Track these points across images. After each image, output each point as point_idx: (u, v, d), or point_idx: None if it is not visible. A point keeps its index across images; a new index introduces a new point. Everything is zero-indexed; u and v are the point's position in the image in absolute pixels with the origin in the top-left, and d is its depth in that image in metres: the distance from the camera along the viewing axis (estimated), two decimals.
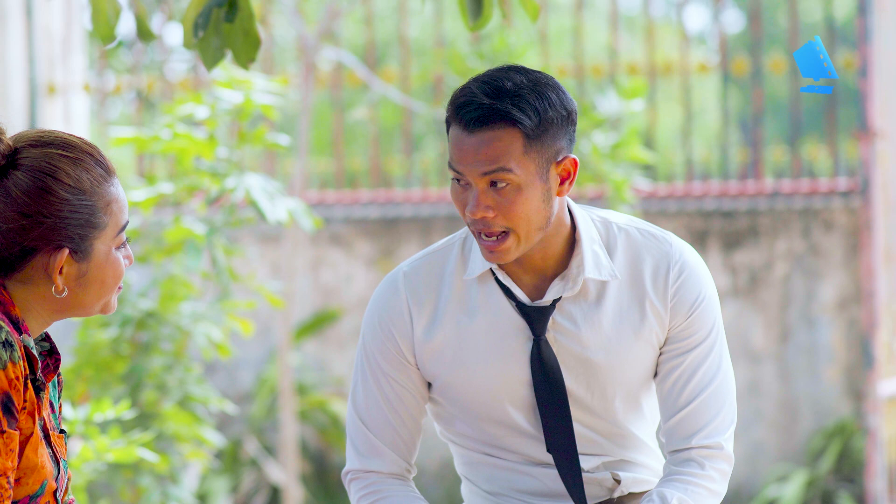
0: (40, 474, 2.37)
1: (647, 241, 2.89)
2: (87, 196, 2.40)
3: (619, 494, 2.94)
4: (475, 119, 2.73)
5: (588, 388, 2.86)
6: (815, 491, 7.34)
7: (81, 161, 2.41)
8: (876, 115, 6.52)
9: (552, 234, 2.82)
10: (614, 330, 2.85)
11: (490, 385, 2.86)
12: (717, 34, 8.18)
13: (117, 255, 2.44)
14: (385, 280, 2.92)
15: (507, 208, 2.74)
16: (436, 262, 2.91)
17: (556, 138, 2.76)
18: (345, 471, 2.96)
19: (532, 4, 3.16)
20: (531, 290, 2.86)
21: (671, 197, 7.67)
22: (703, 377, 2.87)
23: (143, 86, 8.30)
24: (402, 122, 8.35)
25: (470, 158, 2.75)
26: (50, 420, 2.46)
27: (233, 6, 2.95)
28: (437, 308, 2.88)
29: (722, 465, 2.87)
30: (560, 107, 2.75)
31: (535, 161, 2.74)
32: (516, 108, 2.73)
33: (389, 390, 2.91)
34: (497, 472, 2.94)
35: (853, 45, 8.54)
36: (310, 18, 11.99)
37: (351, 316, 7.82)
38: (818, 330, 7.50)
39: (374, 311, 2.91)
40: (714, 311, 2.88)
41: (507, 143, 2.73)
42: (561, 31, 14.06)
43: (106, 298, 2.45)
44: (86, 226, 2.40)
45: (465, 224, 2.83)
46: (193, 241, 4.83)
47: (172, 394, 5.07)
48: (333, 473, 7.83)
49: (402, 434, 2.92)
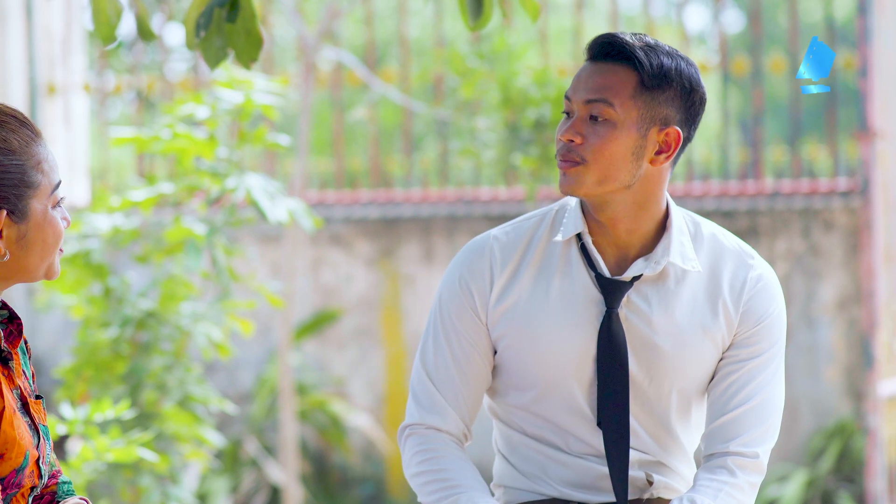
0: (20, 447, 2.38)
1: (732, 247, 2.93)
2: (16, 156, 2.42)
3: (647, 496, 2.94)
4: (602, 49, 2.80)
5: (648, 374, 2.88)
6: (815, 491, 7.34)
7: (6, 123, 2.44)
8: (876, 115, 6.51)
9: (640, 207, 2.85)
10: (685, 320, 2.88)
11: (554, 352, 2.88)
12: (717, 34, 8.18)
13: (54, 215, 2.47)
14: (472, 242, 2.96)
15: (595, 140, 2.78)
16: (527, 227, 2.94)
17: (669, 102, 2.80)
18: (403, 425, 2.96)
19: (532, 4, 3.16)
20: (613, 265, 2.89)
21: (671, 197, 7.67)
22: (756, 388, 2.90)
23: (143, 86, 8.30)
24: (402, 122, 8.35)
25: (582, 84, 2.81)
26: (26, 387, 2.48)
27: (234, 6, 2.95)
28: (518, 269, 2.90)
29: (753, 476, 2.89)
30: (686, 78, 2.80)
31: (639, 109, 2.78)
32: (644, 52, 2.78)
33: (459, 349, 2.92)
34: (535, 456, 2.94)
35: (853, 45, 8.54)
36: (310, 18, 11.99)
37: (351, 316, 7.82)
38: (818, 330, 7.50)
39: (455, 269, 2.94)
40: (780, 330, 2.92)
41: (620, 78, 2.78)
42: (561, 31, 14.06)
43: (49, 260, 2.47)
44: (20, 185, 2.42)
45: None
46: (193, 241, 4.83)
47: (172, 394, 5.07)
48: (333, 473, 7.83)
49: (466, 395, 2.93)
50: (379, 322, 7.82)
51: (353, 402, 7.81)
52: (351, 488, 7.83)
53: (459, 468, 2.90)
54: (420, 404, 2.94)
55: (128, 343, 5.06)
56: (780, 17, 14.50)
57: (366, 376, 7.81)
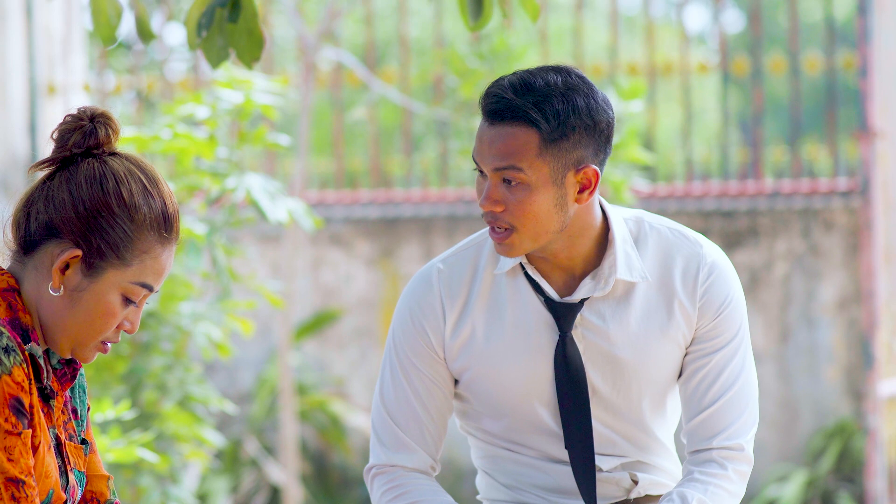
0: (45, 483, 2.36)
1: (678, 241, 2.89)
2: (132, 224, 2.34)
3: (635, 496, 2.94)
4: (495, 111, 2.74)
5: (614, 386, 2.87)
6: (815, 491, 7.34)
7: (152, 197, 2.36)
8: (876, 115, 6.52)
9: (576, 236, 2.82)
10: (642, 328, 2.86)
11: (516, 380, 2.86)
12: (717, 34, 8.18)
13: (117, 304, 2.36)
14: (418, 275, 2.92)
15: (515, 206, 2.75)
16: (469, 256, 2.91)
17: (576, 145, 2.74)
18: (368, 466, 2.94)
19: (532, 4, 3.16)
20: (560, 287, 2.87)
21: (671, 197, 7.67)
22: (728, 378, 2.88)
23: (143, 86, 8.30)
24: (402, 122, 8.35)
25: (486, 150, 2.76)
26: (66, 429, 2.44)
27: (236, 6, 2.95)
28: (468, 302, 2.88)
29: (742, 466, 2.88)
30: (586, 115, 2.73)
31: (549, 165, 2.73)
32: (537, 108, 2.72)
33: (419, 384, 2.90)
34: (515, 467, 2.94)
35: (853, 45, 8.54)
36: (310, 18, 11.99)
37: (351, 316, 7.82)
38: (818, 330, 7.50)
39: (405, 306, 2.91)
40: (741, 315, 2.89)
41: (522, 141, 2.73)
42: (561, 31, 14.06)
43: (83, 339, 2.37)
44: (111, 246, 2.34)
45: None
46: (194, 241, 4.83)
47: (172, 394, 5.07)
48: (333, 473, 7.83)
49: (430, 429, 2.91)
50: (379, 322, 7.82)
51: (353, 402, 7.81)
52: (351, 488, 7.83)
53: (432, 495, 2.89)
54: (384, 445, 2.92)
55: (128, 343, 5.06)
56: (780, 17, 14.50)
57: (366, 376, 7.81)
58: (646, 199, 7.56)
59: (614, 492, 2.93)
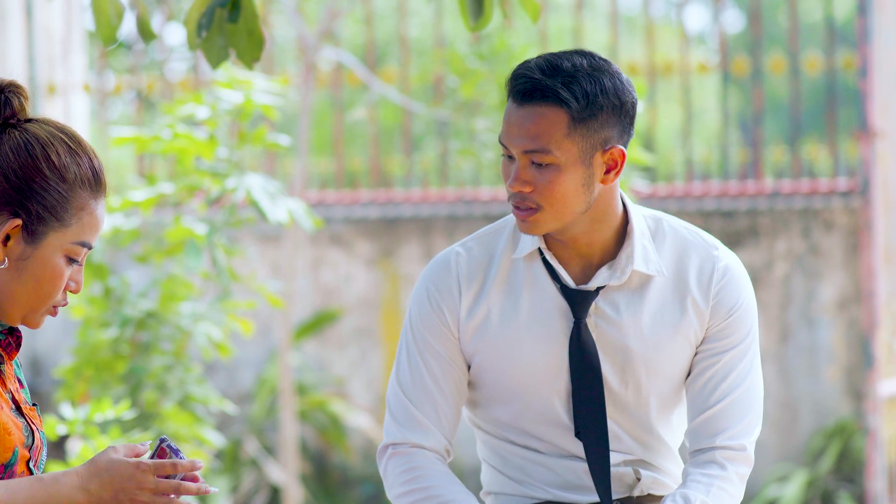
0: (9, 441, 2.38)
1: (695, 241, 2.92)
2: (65, 185, 2.39)
3: (638, 493, 2.95)
4: (524, 92, 2.76)
5: (624, 379, 2.88)
6: (815, 491, 7.34)
7: (78, 156, 2.41)
8: (876, 115, 6.52)
9: (598, 221, 2.85)
10: (655, 321, 2.87)
11: (528, 365, 2.88)
12: (717, 34, 8.18)
13: (62, 266, 2.40)
14: (438, 257, 2.94)
15: (544, 187, 2.77)
16: (488, 241, 2.93)
17: (604, 125, 2.77)
18: (383, 444, 2.93)
19: (532, 4, 3.16)
20: (577, 275, 2.88)
21: (671, 197, 7.67)
22: (735, 380, 2.89)
23: (143, 86, 8.30)
24: (402, 122, 8.35)
25: (514, 132, 2.78)
26: (19, 393, 2.47)
27: (236, 6, 2.95)
28: (484, 285, 2.90)
29: (742, 468, 2.89)
30: (613, 95, 2.77)
31: (578, 145, 2.76)
32: (566, 87, 2.75)
33: (435, 364, 2.91)
34: (520, 462, 2.95)
35: (853, 45, 8.54)
36: (310, 18, 11.99)
37: (351, 316, 7.82)
38: (818, 330, 7.50)
39: (423, 286, 2.93)
40: (751, 319, 2.92)
41: (551, 121, 2.75)
42: (561, 31, 14.06)
43: (34, 306, 2.40)
44: (49, 209, 2.37)
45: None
46: (194, 241, 4.83)
47: (172, 394, 5.07)
48: (333, 473, 7.83)
49: (444, 410, 2.92)
50: (379, 322, 7.82)
51: (353, 402, 7.81)
52: (351, 488, 7.83)
53: (447, 484, 2.88)
54: (399, 422, 2.92)
55: (128, 343, 5.06)
56: (780, 17, 14.51)
57: (366, 376, 7.81)
58: (646, 200, 7.56)
59: (616, 487, 2.94)
